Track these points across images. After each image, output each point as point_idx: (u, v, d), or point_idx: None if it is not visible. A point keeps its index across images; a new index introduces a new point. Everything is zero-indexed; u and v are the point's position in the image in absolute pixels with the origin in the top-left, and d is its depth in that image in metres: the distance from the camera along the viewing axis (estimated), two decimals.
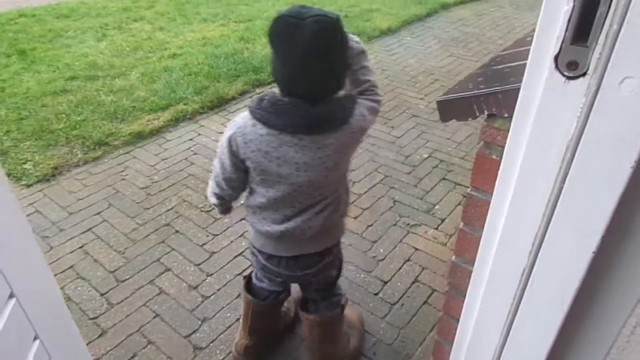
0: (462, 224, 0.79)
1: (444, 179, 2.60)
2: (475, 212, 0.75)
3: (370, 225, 2.27)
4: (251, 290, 1.55)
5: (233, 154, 1.20)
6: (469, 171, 2.61)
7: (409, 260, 2.07)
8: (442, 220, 2.29)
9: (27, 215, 2.30)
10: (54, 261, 2.04)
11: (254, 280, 1.56)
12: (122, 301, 1.86)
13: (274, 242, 1.33)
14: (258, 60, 3.92)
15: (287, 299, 1.64)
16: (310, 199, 1.25)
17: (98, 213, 2.32)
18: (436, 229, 2.24)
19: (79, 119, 3.03)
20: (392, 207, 2.39)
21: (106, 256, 2.07)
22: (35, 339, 0.97)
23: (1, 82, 3.55)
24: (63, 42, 4.41)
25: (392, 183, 2.57)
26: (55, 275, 1.97)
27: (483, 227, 0.72)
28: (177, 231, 2.21)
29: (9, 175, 2.57)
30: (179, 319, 1.80)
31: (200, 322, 1.78)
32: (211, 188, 1.36)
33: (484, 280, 0.71)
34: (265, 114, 1.13)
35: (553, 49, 0.50)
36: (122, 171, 2.63)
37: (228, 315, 1.82)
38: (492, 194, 0.68)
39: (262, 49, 4.18)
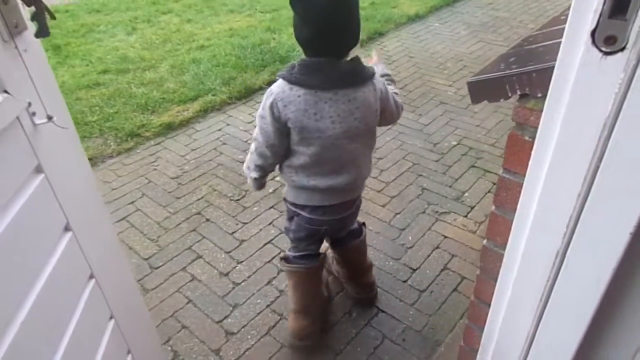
0: (493, 207, 0.78)
1: (473, 166, 2.56)
2: (507, 194, 0.74)
3: (399, 213, 2.26)
4: (293, 262, 1.64)
5: (275, 119, 1.31)
6: (499, 158, 2.57)
7: (437, 247, 2.05)
8: (472, 208, 2.26)
9: None
10: None
11: (292, 254, 1.65)
12: (156, 287, 1.92)
13: (320, 194, 1.45)
14: (284, 50, 3.93)
15: (323, 265, 1.72)
16: (348, 154, 1.37)
17: (131, 202, 2.39)
18: (465, 216, 2.21)
19: (111, 111, 3.12)
20: (420, 194, 2.37)
21: (140, 244, 2.13)
22: (91, 277, 1.03)
23: None
24: (95, 37, 4.52)
25: (421, 171, 2.55)
26: None
27: (515, 210, 0.71)
28: (207, 219, 2.26)
29: None
30: (211, 305, 1.84)
31: (231, 308, 1.82)
32: (252, 162, 1.47)
33: (516, 263, 0.71)
34: (300, 77, 1.26)
35: (590, 23, 0.49)
36: (153, 161, 2.70)
37: (258, 301, 1.85)
38: (524, 176, 0.67)
39: (289, 39, 4.19)
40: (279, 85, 1.29)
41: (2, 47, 0.75)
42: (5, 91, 0.75)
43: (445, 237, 2.11)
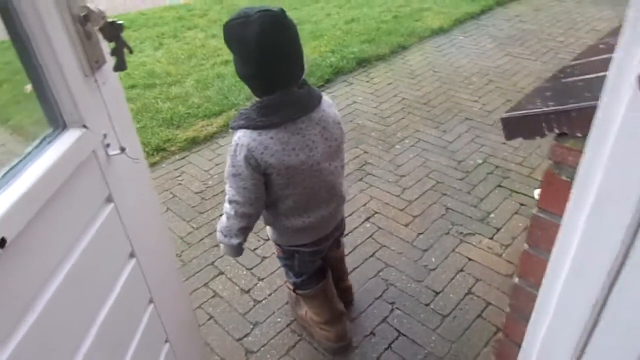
0: (527, 245, 0.75)
1: (499, 186, 2.50)
2: (541, 234, 0.71)
3: (421, 233, 2.22)
4: (306, 285, 1.62)
5: (254, 169, 1.24)
6: (527, 178, 2.51)
7: (461, 270, 2.01)
8: (498, 230, 2.20)
9: None
10: None
11: (299, 280, 1.62)
12: None
13: (317, 227, 1.44)
14: (307, 64, 3.94)
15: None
16: (332, 175, 1.37)
17: None
18: (491, 238, 2.16)
19: (139, 125, 3.17)
20: (444, 214, 2.33)
21: None
22: (150, 301, 1.05)
23: None
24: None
25: (444, 190, 2.50)
26: None
27: (550, 250, 0.68)
28: None
29: None
30: (232, 322, 1.83)
31: (252, 326, 1.81)
32: (232, 228, 1.35)
33: (551, 308, 0.67)
34: (265, 119, 1.21)
35: (637, 66, 0.46)
36: (178, 176, 2.73)
37: (278, 320, 1.83)
38: (561, 216, 0.64)
39: (312, 53, 4.21)
40: (246, 135, 1.22)
41: (83, 82, 0.77)
42: (84, 126, 0.78)
43: (470, 259, 2.06)
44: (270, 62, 1.16)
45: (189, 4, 6.45)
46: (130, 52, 0.85)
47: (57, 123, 0.77)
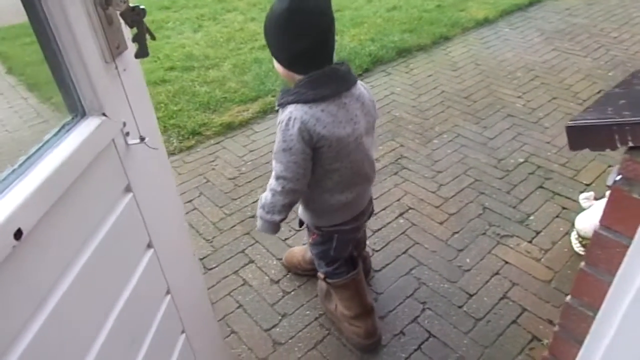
0: (583, 263, 0.70)
1: (541, 187, 2.40)
2: (602, 253, 0.66)
3: (457, 233, 2.16)
4: (338, 274, 1.63)
5: (306, 144, 1.26)
6: (571, 180, 2.40)
7: (497, 273, 1.94)
8: (537, 233, 2.12)
9: None
10: None
11: (331, 268, 1.63)
12: (209, 288, 1.94)
13: (356, 202, 1.48)
14: (346, 52, 3.88)
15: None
16: (368, 149, 1.42)
17: (190, 201, 2.44)
18: (530, 242, 2.08)
19: (175, 108, 3.21)
20: (481, 214, 2.26)
21: (196, 243, 2.17)
22: (167, 292, 1.05)
23: None
24: (164, 34, 4.67)
25: (483, 188, 2.42)
26: None
27: (611, 271, 0.63)
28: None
29: None
30: (260, 312, 1.84)
31: (280, 317, 1.81)
32: (276, 204, 1.36)
33: (610, 333, 0.62)
34: (316, 92, 1.25)
35: None
36: (212, 161, 2.75)
37: (307, 313, 1.83)
38: (627, 236, 0.59)
39: (351, 41, 4.14)
40: (298, 109, 1.25)
41: (103, 69, 0.75)
42: (104, 114, 0.76)
43: (507, 262, 1.99)
44: (323, 33, 1.22)
45: None
46: (153, 38, 0.82)
47: (77, 110, 0.75)
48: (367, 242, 2.11)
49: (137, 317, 0.92)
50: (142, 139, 0.86)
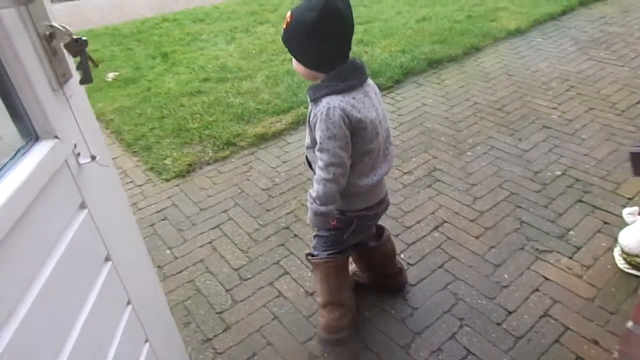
0: None
1: (580, 201, 2.35)
2: None
3: (493, 247, 2.13)
4: (321, 258, 1.69)
5: (347, 128, 1.37)
6: (611, 194, 2.35)
7: (537, 290, 1.90)
8: (578, 249, 2.07)
9: (166, 208, 2.55)
10: (187, 254, 2.22)
11: (325, 252, 1.68)
12: (244, 299, 1.97)
13: (378, 188, 1.58)
14: (377, 64, 3.89)
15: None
16: (388, 135, 1.56)
17: (225, 211, 2.49)
18: (570, 257, 2.03)
19: (210, 119, 3.27)
20: (518, 228, 2.22)
21: (231, 254, 2.21)
22: (128, 303, 1.09)
23: (148, 82, 3.97)
24: (198, 45, 4.79)
25: (519, 202, 2.38)
26: (187, 267, 2.15)
27: None
28: (295, 235, 2.28)
29: (151, 169, 2.87)
30: (296, 324, 1.85)
31: (316, 331, 1.81)
32: (330, 194, 1.42)
33: None
34: (346, 83, 1.37)
35: None
36: (246, 171, 2.79)
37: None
38: None
39: (382, 52, 4.15)
40: (333, 100, 1.36)
41: (52, 96, 0.81)
42: (56, 136, 0.81)
43: (547, 279, 1.95)
44: (347, 37, 1.36)
45: None
46: (96, 65, 0.88)
47: (30, 135, 0.80)
48: (402, 255, 2.11)
49: (101, 327, 0.94)
50: (92, 157, 0.92)
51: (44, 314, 0.75)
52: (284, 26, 1.38)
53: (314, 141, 1.45)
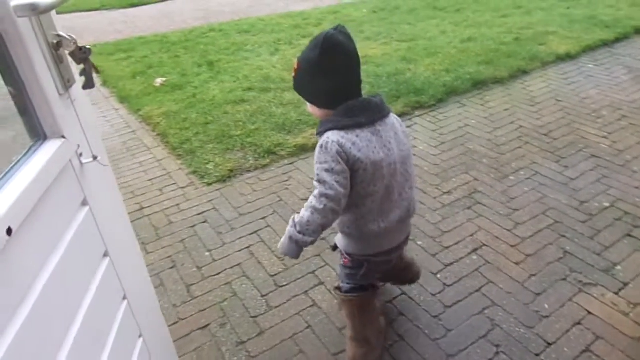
0: None
1: (629, 235, 2.26)
2: None
3: (534, 275, 2.07)
4: (349, 294, 1.68)
5: (345, 164, 1.34)
6: None
7: (579, 324, 1.84)
8: (625, 285, 1.99)
9: (206, 212, 2.61)
10: (225, 257, 2.27)
11: (349, 287, 1.68)
12: (279, 306, 1.98)
13: (390, 235, 1.53)
14: (420, 82, 3.89)
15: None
16: (403, 178, 1.49)
17: (263, 218, 2.52)
18: (616, 293, 1.95)
19: (253, 127, 3.34)
20: (561, 258, 2.15)
21: (268, 260, 2.23)
22: (124, 298, 1.12)
23: (193, 89, 4.10)
24: (243, 55, 4.92)
25: (563, 231, 2.32)
26: (225, 270, 2.19)
27: None
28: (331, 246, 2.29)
29: (194, 172, 2.95)
30: (329, 335, 1.85)
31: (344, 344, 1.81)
32: (312, 224, 1.36)
33: None
34: (351, 120, 1.35)
35: None
36: (286, 180, 2.83)
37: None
38: None
39: (425, 71, 4.15)
40: (334, 134, 1.35)
41: (59, 99, 0.87)
42: (63, 136, 0.87)
43: (590, 313, 1.88)
44: (352, 69, 1.37)
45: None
46: (97, 72, 0.95)
47: (39, 135, 0.85)
48: (438, 276, 2.09)
49: (99, 321, 0.97)
50: (94, 157, 0.98)
51: (50, 302, 0.79)
52: (293, 74, 1.43)
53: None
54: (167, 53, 5.26)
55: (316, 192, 1.36)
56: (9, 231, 0.67)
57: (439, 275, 2.09)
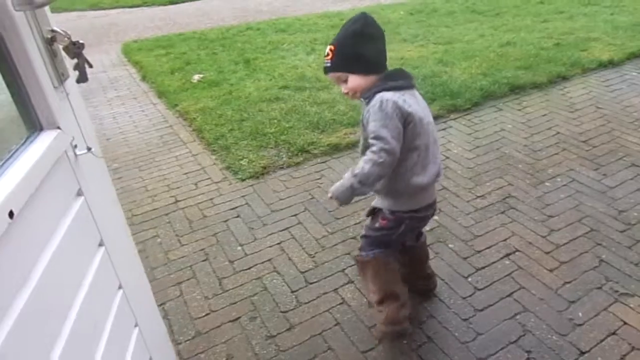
0: None
1: None
2: None
3: (568, 283, 2.03)
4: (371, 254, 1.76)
5: (400, 120, 1.46)
6: None
7: (614, 334, 1.79)
8: None
9: (239, 207, 2.67)
10: (257, 252, 2.32)
11: (378, 251, 1.75)
12: (309, 302, 2.01)
13: (430, 189, 1.65)
14: (456, 85, 3.86)
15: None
16: (434, 137, 1.61)
17: (295, 215, 2.56)
18: None
19: (287, 125, 3.39)
20: (597, 267, 2.11)
21: (299, 256, 2.27)
22: (119, 287, 1.15)
23: (230, 86, 4.19)
24: (279, 54, 4.99)
25: (600, 239, 2.26)
26: (256, 265, 2.24)
27: None
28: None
29: (228, 168, 3.02)
30: (358, 333, 1.86)
31: (377, 342, 1.82)
32: (373, 175, 1.46)
33: None
34: (395, 83, 1.50)
35: None
36: (318, 179, 2.86)
37: (404, 342, 1.82)
38: None
39: (462, 74, 4.11)
40: (387, 94, 1.46)
41: (54, 92, 0.90)
42: (58, 127, 0.90)
43: (625, 323, 1.83)
44: (383, 40, 1.54)
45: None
46: (90, 66, 0.96)
47: (35, 126, 0.88)
48: (469, 279, 2.07)
49: (95, 310, 0.99)
50: (89, 148, 1.00)
51: (49, 288, 0.81)
52: (329, 57, 1.54)
53: (366, 141, 1.50)
54: (205, 50, 5.38)
55: (375, 147, 1.45)
56: (11, 214, 0.69)
57: (469, 279, 2.08)
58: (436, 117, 3.46)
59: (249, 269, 2.22)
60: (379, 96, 1.47)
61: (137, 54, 5.66)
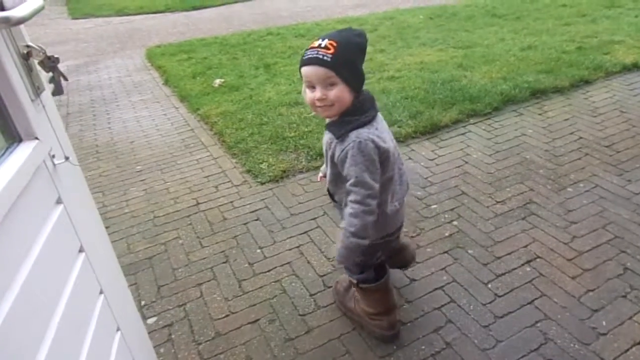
0: None
1: None
2: None
3: (592, 291, 2.00)
4: (370, 280, 1.78)
5: (379, 155, 1.42)
6: None
7: (639, 344, 1.76)
8: None
9: (259, 210, 2.70)
10: (276, 254, 2.34)
11: (362, 275, 1.77)
12: (327, 306, 2.02)
13: (400, 213, 1.67)
14: (476, 89, 3.83)
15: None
16: (398, 154, 1.60)
17: (314, 219, 2.58)
18: None
19: (306, 130, 3.42)
20: (621, 274, 2.07)
21: (317, 260, 2.28)
22: (100, 292, 1.16)
23: (250, 90, 4.24)
24: (299, 59, 5.01)
25: (624, 246, 2.22)
26: (275, 268, 2.26)
27: None
28: None
29: (248, 171, 3.05)
30: (375, 339, 1.86)
31: (395, 347, 1.82)
32: (366, 226, 1.44)
33: None
34: (366, 116, 1.43)
35: None
36: None
37: (422, 348, 1.81)
38: None
39: (482, 78, 4.08)
40: (362, 133, 1.40)
41: (31, 104, 0.93)
42: (36, 138, 0.92)
43: None
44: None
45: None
46: (66, 79, 0.99)
47: (14, 137, 0.91)
48: (489, 286, 2.06)
49: (77, 316, 1.00)
50: (66, 158, 1.03)
51: (31, 297, 0.82)
52: (331, 52, 1.36)
53: (336, 176, 1.52)
54: (226, 55, 5.46)
55: (358, 197, 1.41)
56: None
57: (489, 285, 2.06)
58: (455, 122, 3.45)
59: (268, 271, 2.24)
60: (355, 137, 1.39)
61: (160, 58, 5.77)
